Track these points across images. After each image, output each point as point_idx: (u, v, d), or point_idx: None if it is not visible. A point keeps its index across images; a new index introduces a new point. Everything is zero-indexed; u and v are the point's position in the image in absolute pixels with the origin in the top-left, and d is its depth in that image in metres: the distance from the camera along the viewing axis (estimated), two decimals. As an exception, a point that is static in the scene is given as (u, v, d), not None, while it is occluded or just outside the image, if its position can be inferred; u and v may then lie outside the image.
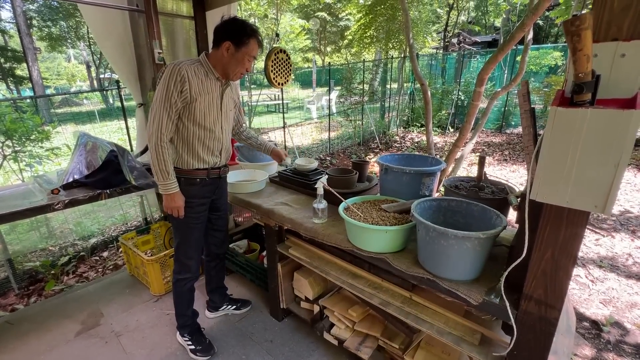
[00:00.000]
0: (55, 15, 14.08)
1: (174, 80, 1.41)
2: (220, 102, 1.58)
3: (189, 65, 1.45)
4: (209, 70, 1.52)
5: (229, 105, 1.66)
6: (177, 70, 1.41)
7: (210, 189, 1.68)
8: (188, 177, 1.58)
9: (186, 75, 1.42)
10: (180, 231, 1.65)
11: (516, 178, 5.00)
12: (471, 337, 1.19)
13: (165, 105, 1.43)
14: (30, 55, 11.37)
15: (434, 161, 1.63)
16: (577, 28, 0.65)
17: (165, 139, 1.45)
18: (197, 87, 1.46)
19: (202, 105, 1.50)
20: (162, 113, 1.43)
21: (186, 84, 1.43)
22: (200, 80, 1.47)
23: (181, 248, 1.67)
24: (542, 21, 14.43)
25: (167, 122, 1.44)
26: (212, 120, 1.56)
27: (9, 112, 2.86)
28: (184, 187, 1.58)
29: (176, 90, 1.42)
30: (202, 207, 1.66)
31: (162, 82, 1.43)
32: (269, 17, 8.21)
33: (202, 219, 1.69)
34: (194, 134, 1.53)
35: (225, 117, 1.63)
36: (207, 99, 1.51)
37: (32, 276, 2.59)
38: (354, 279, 1.52)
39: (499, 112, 8.18)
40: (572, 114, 0.71)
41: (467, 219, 1.24)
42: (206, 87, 1.50)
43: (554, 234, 0.86)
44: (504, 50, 2.89)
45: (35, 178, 2.12)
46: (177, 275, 1.70)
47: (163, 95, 1.42)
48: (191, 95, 1.45)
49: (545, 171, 0.78)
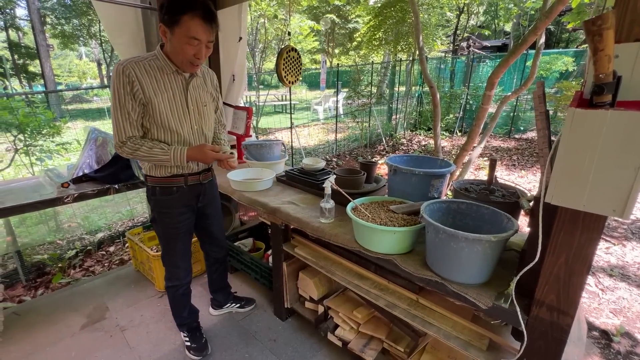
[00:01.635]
0: (69, 13, 14.31)
1: (122, 83, 1.24)
2: (185, 97, 1.39)
3: (136, 63, 1.27)
4: (165, 64, 1.33)
5: (202, 100, 1.46)
6: (121, 70, 1.24)
7: (191, 197, 1.54)
8: (163, 185, 1.45)
9: (133, 74, 1.25)
10: (164, 241, 1.57)
11: (524, 184, 4.93)
12: (479, 342, 1.17)
13: (122, 112, 1.27)
14: (43, 52, 11.57)
15: (444, 163, 1.61)
16: (598, 27, 0.64)
17: (125, 138, 1.31)
18: (150, 86, 1.29)
19: (162, 105, 1.33)
20: (120, 119, 1.28)
21: (136, 84, 1.26)
22: (153, 77, 1.30)
23: (166, 257, 1.61)
24: (553, 26, 14.28)
25: (128, 127, 1.30)
26: (177, 121, 1.38)
27: (22, 106, 2.91)
28: (160, 197, 1.46)
29: (127, 94, 1.26)
30: (184, 216, 1.54)
31: (111, 87, 1.26)
32: (278, 18, 8.25)
33: (185, 228, 1.57)
34: (159, 138, 1.38)
35: (195, 115, 1.44)
36: (166, 97, 1.33)
37: (40, 269, 2.62)
38: (359, 280, 1.50)
39: (508, 117, 8.11)
40: (592, 115, 0.69)
41: (477, 222, 1.22)
42: (162, 84, 1.32)
43: (568, 239, 0.84)
44: (515, 54, 2.86)
45: (46, 171, 2.15)
46: (168, 282, 1.65)
47: (116, 101, 1.26)
48: (145, 96, 1.29)
49: (561, 174, 0.76)
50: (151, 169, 1.44)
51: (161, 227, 1.54)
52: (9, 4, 13.52)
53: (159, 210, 1.51)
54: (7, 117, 2.68)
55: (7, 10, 13.94)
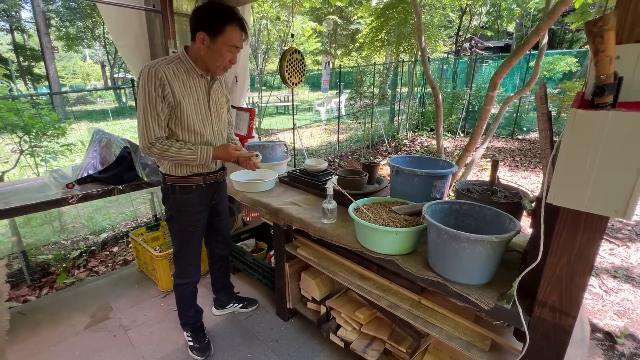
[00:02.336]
0: (73, 16, 14.44)
1: (154, 85, 1.28)
2: (207, 100, 1.46)
3: (166, 65, 1.31)
4: (190, 67, 1.38)
5: (219, 102, 1.54)
6: (153, 73, 1.27)
7: (208, 195, 1.60)
8: (183, 184, 1.50)
9: (165, 77, 1.30)
10: (179, 239, 1.61)
11: (527, 185, 4.91)
12: (481, 343, 1.17)
13: (152, 114, 1.31)
14: (48, 54, 11.68)
15: (446, 164, 1.61)
16: (599, 29, 0.64)
17: (153, 140, 1.34)
18: (180, 89, 1.34)
19: (189, 107, 1.38)
20: (149, 120, 1.31)
21: (167, 87, 1.30)
22: (181, 80, 1.35)
23: (180, 254, 1.64)
24: (557, 27, 14.23)
25: (156, 129, 1.34)
26: (200, 123, 1.44)
27: (27, 108, 2.93)
28: (180, 195, 1.51)
29: (158, 96, 1.30)
30: (201, 214, 1.60)
31: (142, 88, 1.29)
32: (281, 20, 8.28)
33: (202, 226, 1.64)
34: (183, 140, 1.43)
35: (215, 116, 1.51)
36: (192, 99, 1.39)
37: (45, 269, 2.64)
38: (362, 281, 1.51)
39: (511, 118, 8.08)
40: (593, 116, 0.70)
41: (479, 223, 1.23)
42: (189, 87, 1.38)
43: (570, 240, 0.84)
44: (518, 55, 2.86)
45: (51, 172, 2.16)
46: (178, 280, 1.68)
47: (146, 103, 1.29)
48: (175, 99, 1.33)
49: (563, 174, 0.76)
50: (171, 168, 1.47)
51: (178, 225, 1.57)
52: (14, 6, 13.67)
53: (177, 208, 1.54)
54: (12, 119, 2.71)
55: (12, 12, 14.09)
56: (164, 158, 1.40)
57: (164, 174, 1.51)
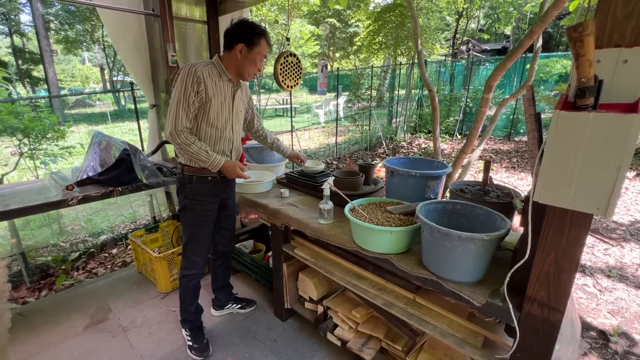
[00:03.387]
0: (73, 19, 14.49)
1: (191, 81, 1.46)
2: (232, 103, 1.63)
3: (204, 67, 1.50)
4: (222, 72, 1.57)
5: (240, 107, 1.71)
6: (193, 71, 1.46)
7: (221, 188, 1.72)
8: (200, 175, 1.62)
9: (202, 76, 1.47)
10: (190, 229, 1.69)
11: (524, 186, 4.95)
12: (474, 340, 1.19)
13: (184, 105, 1.47)
14: (47, 57, 11.70)
15: (440, 165, 1.64)
16: (579, 34, 0.67)
17: (181, 127, 1.48)
18: (212, 88, 1.52)
19: (216, 105, 1.55)
20: (180, 110, 1.47)
21: (202, 85, 1.48)
22: (214, 81, 1.52)
23: (189, 245, 1.71)
24: (553, 29, 14.35)
25: (184, 119, 1.49)
26: (224, 121, 1.61)
27: (27, 111, 2.95)
28: (196, 185, 1.63)
29: (193, 91, 1.47)
30: (213, 205, 1.71)
31: (180, 82, 1.47)
32: (279, 23, 8.34)
33: (212, 217, 1.73)
34: (206, 133, 1.58)
35: (236, 118, 1.68)
36: (220, 99, 1.56)
37: (44, 270, 2.65)
38: (358, 280, 1.53)
39: (508, 120, 8.14)
40: (575, 117, 0.73)
41: (471, 222, 1.25)
42: (219, 88, 1.55)
43: (557, 237, 0.87)
44: (512, 58, 2.90)
45: (51, 174, 2.18)
46: (184, 271, 1.74)
47: (181, 95, 1.47)
48: (207, 96, 1.50)
49: (548, 173, 0.79)
50: (191, 160, 1.60)
51: (191, 213, 1.67)
52: (13, 10, 13.70)
53: (192, 197, 1.64)
54: (12, 122, 2.73)
55: (11, 16, 14.12)
56: (182, 149, 1.53)
57: (182, 165, 1.63)
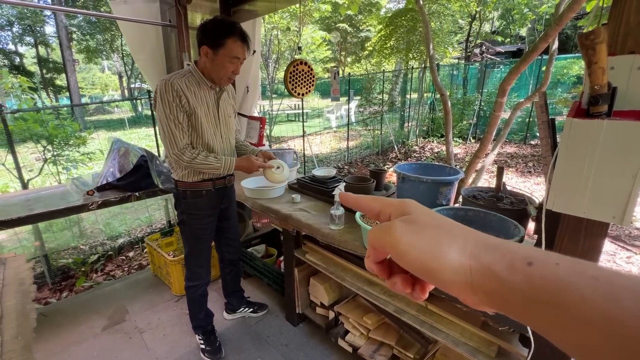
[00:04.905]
0: (93, 29, 15.07)
1: (172, 96, 1.37)
2: (217, 110, 1.54)
3: (179, 78, 1.41)
4: (200, 79, 1.47)
5: (228, 111, 1.62)
6: (169, 85, 1.37)
7: (217, 199, 1.68)
8: (194, 189, 1.58)
9: (180, 88, 1.38)
10: (190, 242, 1.69)
11: (540, 191, 4.83)
12: (488, 349, 1.17)
13: (175, 122, 1.40)
14: (69, 67, 12.21)
15: (452, 171, 1.63)
16: (591, 42, 0.67)
17: (182, 146, 1.43)
18: (193, 100, 1.43)
19: (200, 117, 1.46)
20: (173, 129, 1.40)
21: (183, 98, 1.39)
22: (193, 92, 1.43)
23: (191, 258, 1.72)
24: (570, 30, 14.01)
25: (181, 136, 1.43)
26: (211, 132, 1.53)
27: (51, 119, 3.09)
28: (191, 199, 1.58)
29: (177, 106, 1.39)
30: (210, 218, 1.68)
31: (160, 100, 1.38)
32: (291, 30, 8.45)
33: (211, 229, 1.71)
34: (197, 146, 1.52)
35: (224, 125, 1.59)
36: (203, 110, 1.47)
37: (65, 272, 2.75)
38: (369, 286, 1.53)
39: (524, 123, 7.96)
40: (588, 125, 0.72)
41: (484, 229, 1.23)
42: (200, 98, 1.46)
43: (572, 246, 0.86)
44: (526, 61, 2.85)
45: (73, 180, 2.28)
46: (189, 282, 1.75)
47: (168, 113, 1.38)
48: (190, 108, 1.42)
49: (561, 181, 0.78)
50: (184, 175, 1.55)
51: (189, 228, 1.65)
52: (39, 22, 14.37)
53: (188, 212, 1.61)
54: (37, 129, 2.86)
55: (37, 28, 14.81)
56: (192, 166, 1.48)
57: (176, 180, 1.60)
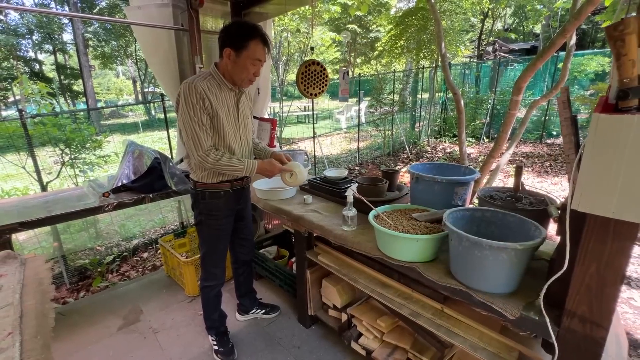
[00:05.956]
0: (109, 36, 15.49)
1: (195, 98, 1.38)
2: (236, 112, 1.56)
3: (202, 81, 1.42)
4: (221, 82, 1.48)
5: (246, 113, 1.64)
6: (193, 87, 1.38)
7: (235, 200, 1.68)
8: (213, 190, 1.58)
9: (203, 91, 1.40)
10: (208, 242, 1.69)
11: (558, 191, 4.69)
12: (508, 355, 1.13)
13: (199, 124, 1.41)
14: (85, 72, 12.57)
15: (467, 170, 1.59)
16: (620, 33, 0.64)
17: (207, 147, 1.44)
18: (215, 102, 1.44)
19: (222, 119, 1.47)
20: (197, 131, 1.41)
21: (206, 100, 1.41)
22: (214, 94, 1.44)
23: (207, 257, 1.72)
24: (587, 25, 13.63)
25: (205, 138, 1.43)
26: (232, 134, 1.54)
27: (69, 123, 3.18)
28: (209, 200, 1.59)
29: (201, 108, 1.40)
30: (228, 218, 1.69)
31: (184, 102, 1.40)
32: (301, 32, 8.48)
33: (228, 230, 1.72)
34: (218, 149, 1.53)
35: (243, 127, 1.61)
36: (224, 111, 1.48)
37: (82, 272, 2.82)
38: (383, 288, 1.50)
39: (539, 122, 7.77)
40: (617, 120, 0.68)
41: (502, 230, 1.20)
42: (222, 100, 1.47)
43: (598, 248, 0.81)
44: (543, 58, 2.78)
45: (89, 182, 2.32)
46: (204, 282, 1.76)
47: (192, 115, 1.40)
48: (213, 110, 1.43)
49: (587, 180, 0.75)
50: (204, 177, 1.56)
51: (207, 229, 1.66)
52: (58, 29, 14.85)
53: (207, 213, 1.62)
54: (56, 133, 2.95)
55: (55, 35, 15.31)
56: (215, 167, 1.48)
57: (195, 181, 1.59)
